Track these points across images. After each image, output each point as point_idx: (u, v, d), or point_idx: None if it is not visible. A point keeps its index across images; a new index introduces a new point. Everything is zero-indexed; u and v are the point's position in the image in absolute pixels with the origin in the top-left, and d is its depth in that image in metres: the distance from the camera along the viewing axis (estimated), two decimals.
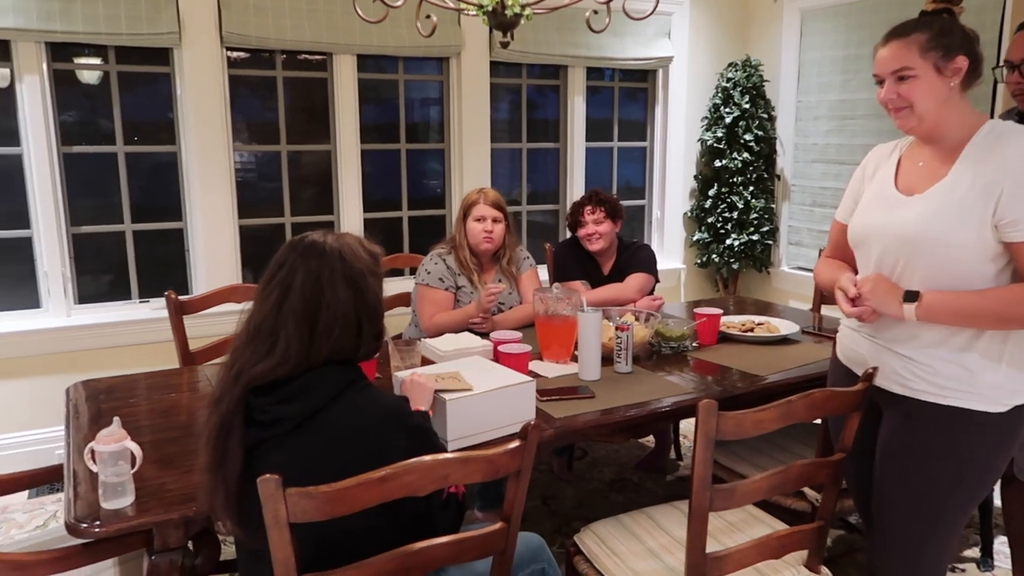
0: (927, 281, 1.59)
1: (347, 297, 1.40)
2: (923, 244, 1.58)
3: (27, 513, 2.97)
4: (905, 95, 1.59)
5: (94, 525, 1.40)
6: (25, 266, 3.36)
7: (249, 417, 1.36)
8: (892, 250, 1.64)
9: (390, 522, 1.36)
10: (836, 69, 4.34)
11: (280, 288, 1.39)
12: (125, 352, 3.44)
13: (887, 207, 1.68)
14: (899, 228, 1.62)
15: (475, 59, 4.06)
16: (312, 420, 1.34)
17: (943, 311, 1.56)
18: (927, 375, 1.62)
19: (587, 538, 1.90)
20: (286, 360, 1.35)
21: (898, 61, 1.58)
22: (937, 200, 1.58)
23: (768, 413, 1.53)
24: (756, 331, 2.69)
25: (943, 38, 1.56)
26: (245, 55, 3.67)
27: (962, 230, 1.53)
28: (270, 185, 3.84)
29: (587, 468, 3.35)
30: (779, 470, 1.60)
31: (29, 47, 3.18)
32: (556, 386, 2.14)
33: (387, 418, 1.38)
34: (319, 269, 1.39)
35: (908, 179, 1.69)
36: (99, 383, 2.26)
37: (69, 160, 3.38)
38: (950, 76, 1.57)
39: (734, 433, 1.53)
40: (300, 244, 1.43)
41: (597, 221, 3.08)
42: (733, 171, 4.58)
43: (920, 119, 1.60)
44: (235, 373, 1.37)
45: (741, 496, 1.57)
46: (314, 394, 1.35)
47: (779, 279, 4.83)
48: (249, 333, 1.39)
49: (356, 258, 1.44)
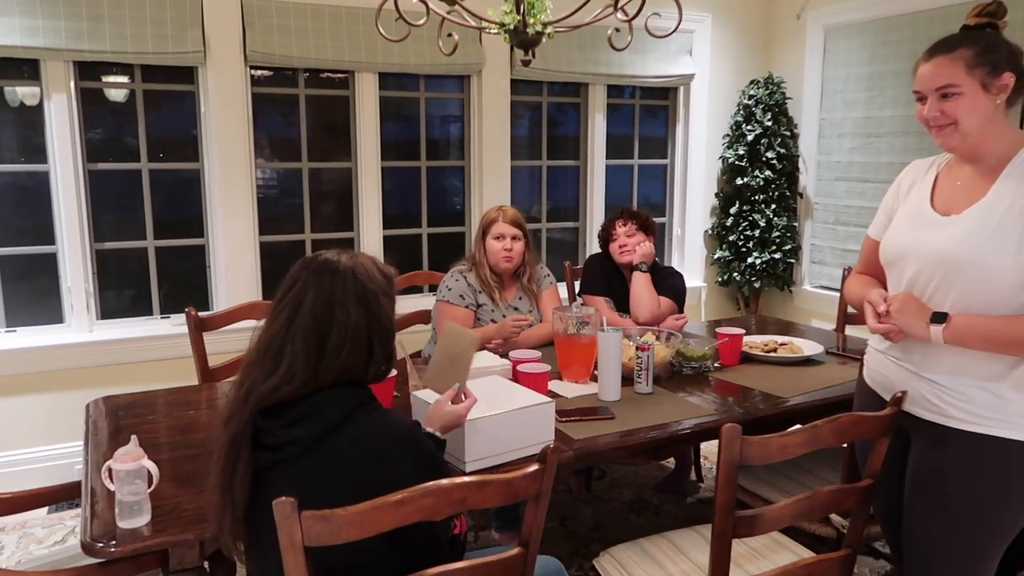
0: (959, 304, 1.55)
1: (358, 316, 1.38)
2: (958, 266, 1.53)
3: (46, 528, 2.98)
4: (950, 112, 1.53)
5: (110, 544, 1.40)
6: (50, 281, 3.40)
7: (258, 441, 1.34)
8: (925, 271, 1.60)
9: (397, 548, 1.33)
10: (861, 87, 4.30)
11: (291, 305, 1.38)
12: (146, 368, 3.46)
13: (922, 226, 1.63)
14: (934, 249, 1.57)
15: (496, 77, 4.07)
16: (322, 443, 1.32)
17: (971, 335, 1.52)
18: (958, 402, 1.57)
19: (606, 563, 1.87)
20: (291, 378, 1.34)
21: (943, 78, 1.53)
22: (975, 221, 1.53)
23: (794, 438, 1.50)
24: (779, 351, 2.65)
25: (990, 54, 1.51)
26: (268, 73, 3.70)
27: (998, 253, 1.48)
28: (291, 202, 3.86)
29: (606, 489, 3.31)
30: (805, 496, 1.56)
31: (58, 66, 3.23)
32: (575, 407, 2.11)
33: (397, 442, 1.35)
34: (331, 288, 1.38)
35: (945, 198, 1.64)
36: (119, 399, 2.26)
37: (94, 177, 3.43)
38: (996, 93, 1.52)
39: (759, 458, 1.49)
40: (313, 262, 1.42)
41: (629, 234, 3.06)
42: (755, 189, 4.54)
43: (964, 137, 1.55)
44: (244, 392, 1.36)
45: (766, 523, 1.53)
46: (324, 416, 1.33)
47: (801, 298, 4.77)
48: (259, 351, 1.38)
49: (369, 278, 1.42)
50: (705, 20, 4.60)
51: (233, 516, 1.33)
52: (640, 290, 2.96)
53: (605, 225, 3.16)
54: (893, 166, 4.14)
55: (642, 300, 2.95)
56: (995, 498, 1.56)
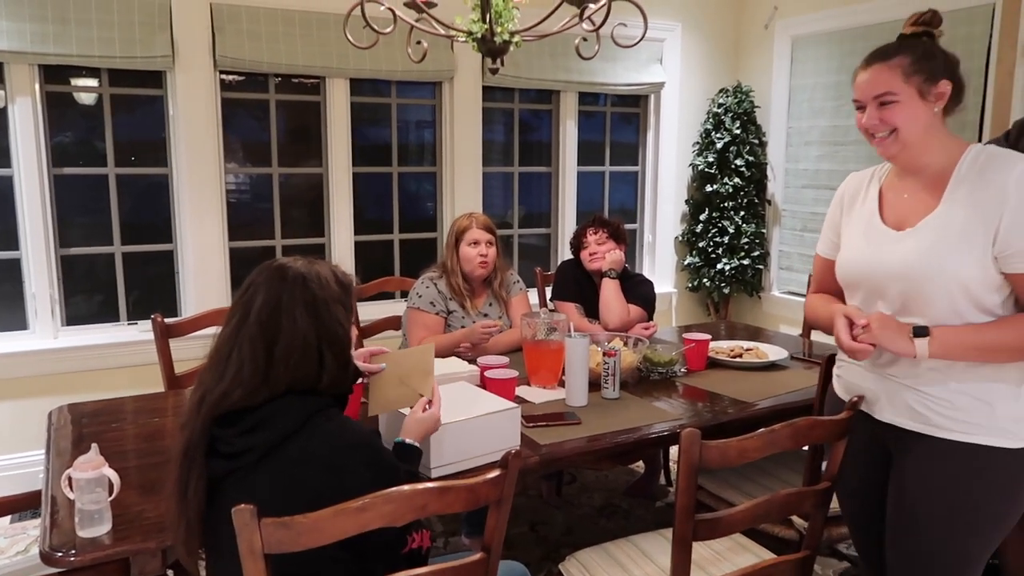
0: (930, 318, 1.52)
1: (306, 324, 1.36)
2: (924, 279, 1.51)
3: (8, 538, 2.94)
4: (888, 120, 1.53)
5: (69, 554, 1.38)
6: (13, 287, 3.35)
7: (213, 448, 1.33)
8: (891, 287, 1.57)
9: (352, 554, 1.32)
10: (827, 95, 4.38)
11: (241, 310, 1.37)
12: (113, 374, 3.42)
13: (877, 243, 1.61)
14: (894, 264, 1.55)
15: (468, 83, 4.09)
16: (276, 451, 1.31)
17: (958, 346, 1.49)
18: (944, 410, 1.54)
19: (572, 567, 1.88)
20: (239, 383, 1.32)
21: (881, 85, 1.53)
22: (932, 233, 1.52)
23: (752, 442, 1.52)
24: (745, 357, 2.68)
25: (926, 62, 1.51)
26: (239, 78, 3.68)
27: (964, 262, 1.47)
28: (262, 207, 3.84)
29: (576, 493, 3.33)
30: (763, 499, 1.59)
31: (22, 69, 3.19)
32: (543, 412, 2.13)
33: (352, 450, 1.34)
34: (279, 293, 1.37)
35: (895, 212, 1.62)
36: (84, 407, 2.24)
37: (60, 181, 3.38)
38: (934, 101, 1.52)
39: (719, 462, 1.51)
40: (268, 267, 1.41)
41: (599, 241, 3.08)
42: (724, 196, 4.60)
43: (904, 146, 1.54)
44: (199, 398, 1.35)
45: (726, 526, 1.55)
46: (278, 423, 1.32)
47: (770, 304, 4.84)
48: (212, 356, 1.38)
49: (321, 286, 1.40)
50: (675, 29, 4.66)
51: (188, 525, 1.32)
52: (609, 296, 2.99)
53: (577, 232, 3.18)
54: None
55: (611, 306, 2.98)
56: (985, 506, 1.53)
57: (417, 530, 1.40)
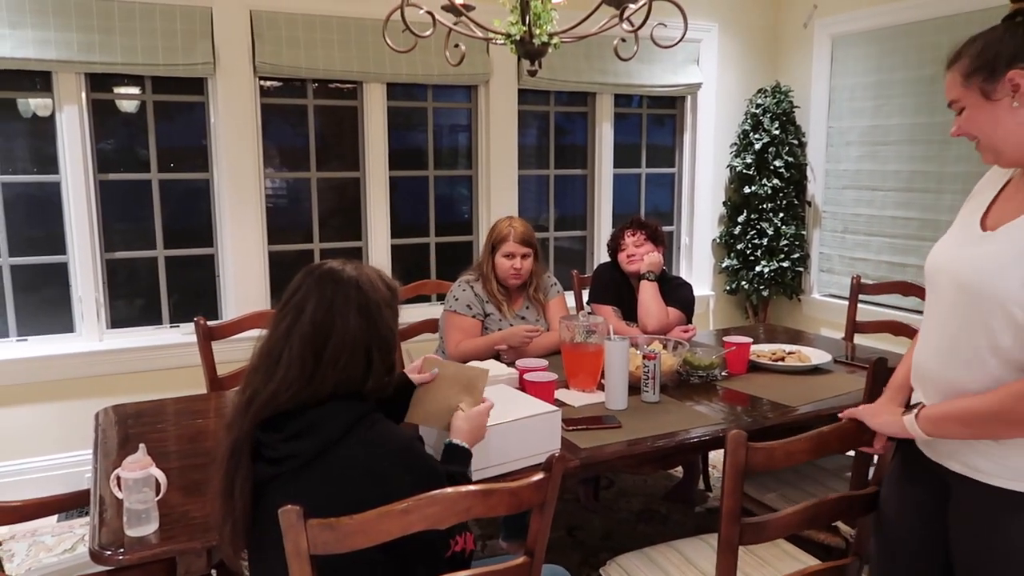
0: (990, 345, 1.31)
1: (358, 326, 1.37)
2: (973, 295, 1.32)
3: (56, 536, 3.00)
4: (964, 128, 1.38)
5: (118, 553, 1.40)
6: (60, 291, 3.43)
7: (258, 453, 1.35)
8: (948, 298, 1.39)
9: (394, 557, 1.32)
10: (868, 95, 4.30)
11: (293, 312, 1.38)
12: (156, 376, 3.48)
13: (960, 242, 1.43)
14: (957, 272, 1.37)
15: (503, 86, 4.09)
16: (321, 458, 1.32)
17: (940, 417, 1.36)
18: (1004, 459, 1.32)
19: (613, 571, 1.87)
20: (286, 386, 1.33)
21: (948, 93, 1.39)
22: (1002, 242, 1.32)
23: (799, 444, 1.50)
24: (787, 360, 2.64)
25: (985, 57, 1.32)
26: (277, 84, 3.73)
27: (1013, 284, 1.26)
28: (300, 211, 3.88)
29: (614, 498, 3.31)
30: (811, 503, 1.56)
31: (69, 78, 3.26)
32: (582, 415, 2.11)
33: (395, 457, 1.34)
34: (333, 295, 1.38)
35: (999, 212, 1.40)
36: (128, 408, 2.28)
37: (105, 187, 3.46)
38: (1004, 96, 1.30)
39: (764, 465, 1.48)
40: (317, 270, 1.43)
41: (637, 243, 3.06)
42: (763, 197, 4.54)
43: (995, 152, 1.36)
44: (247, 398, 1.36)
45: (772, 530, 1.52)
46: (323, 430, 1.32)
47: (810, 307, 4.76)
48: (260, 357, 1.39)
49: (373, 288, 1.42)
50: (712, 30, 4.61)
51: (234, 525, 1.33)
52: (648, 299, 2.96)
53: (614, 234, 3.16)
54: (901, 174, 4.13)
55: (650, 309, 2.95)
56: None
57: (460, 533, 1.40)
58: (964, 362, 1.35)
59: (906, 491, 1.53)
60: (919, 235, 4.06)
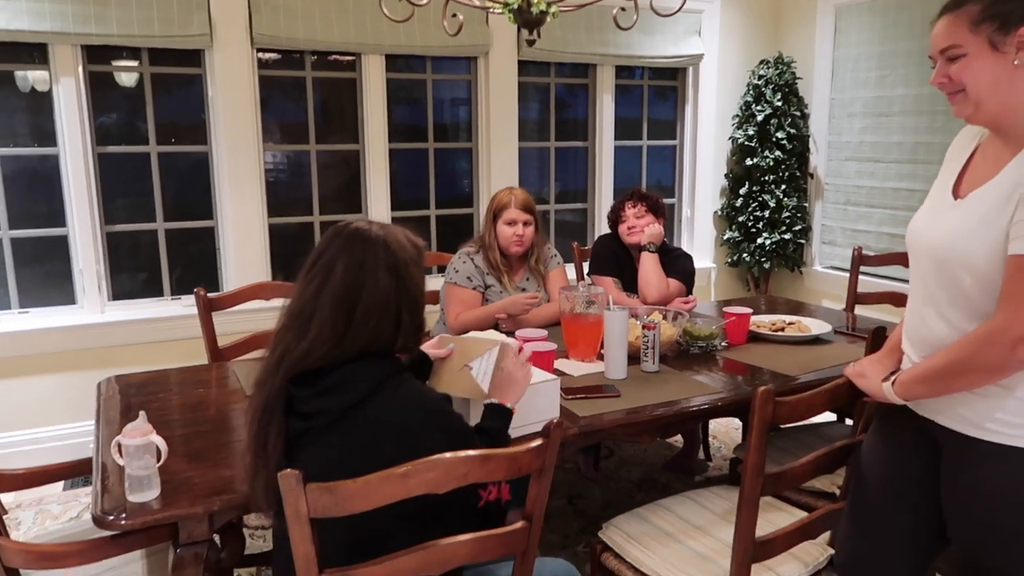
0: (966, 313, 1.35)
1: (388, 285, 1.39)
2: (946, 261, 1.35)
3: (62, 505, 3.03)
4: (955, 77, 1.33)
5: (120, 518, 1.42)
6: (62, 263, 3.43)
7: (290, 407, 1.37)
8: (927, 268, 1.41)
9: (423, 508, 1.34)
10: (872, 65, 4.26)
11: (322, 272, 1.39)
12: (158, 348, 3.50)
13: (933, 210, 1.45)
14: (931, 240, 1.40)
15: (503, 58, 4.05)
16: (350, 415, 1.34)
17: (910, 380, 1.42)
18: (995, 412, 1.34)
19: (612, 533, 1.90)
20: (317, 345, 1.35)
21: (945, 38, 1.33)
22: (970, 208, 1.34)
23: (819, 397, 1.59)
24: (787, 331, 2.64)
25: (1002, 5, 1.28)
26: (275, 56, 3.70)
27: (981, 247, 1.30)
28: (300, 184, 3.87)
29: (614, 468, 3.33)
30: (821, 451, 1.64)
31: (66, 50, 3.24)
32: (582, 385, 2.12)
33: (426, 417, 1.36)
34: (362, 256, 1.39)
35: (971, 177, 1.41)
36: (131, 378, 2.29)
37: (104, 160, 3.45)
38: (1012, 51, 1.28)
39: (788, 418, 1.57)
40: (345, 230, 1.43)
41: (638, 215, 3.05)
42: (765, 169, 4.52)
43: (976, 105, 1.33)
44: (278, 357, 1.38)
45: (790, 480, 1.62)
46: (351, 387, 1.34)
47: (812, 279, 4.76)
48: (291, 316, 1.40)
49: (400, 248, 1.43)
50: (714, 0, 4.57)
51: (267, 480, 1.34)
52: (648, 270, 2.96)
53: (615, 206, 3.14)
54: (904, 146, 4.10)
55: (650, 280, 2.95)
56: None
57: (496, 483, 1.41)
58: (944, 324, 1.39)
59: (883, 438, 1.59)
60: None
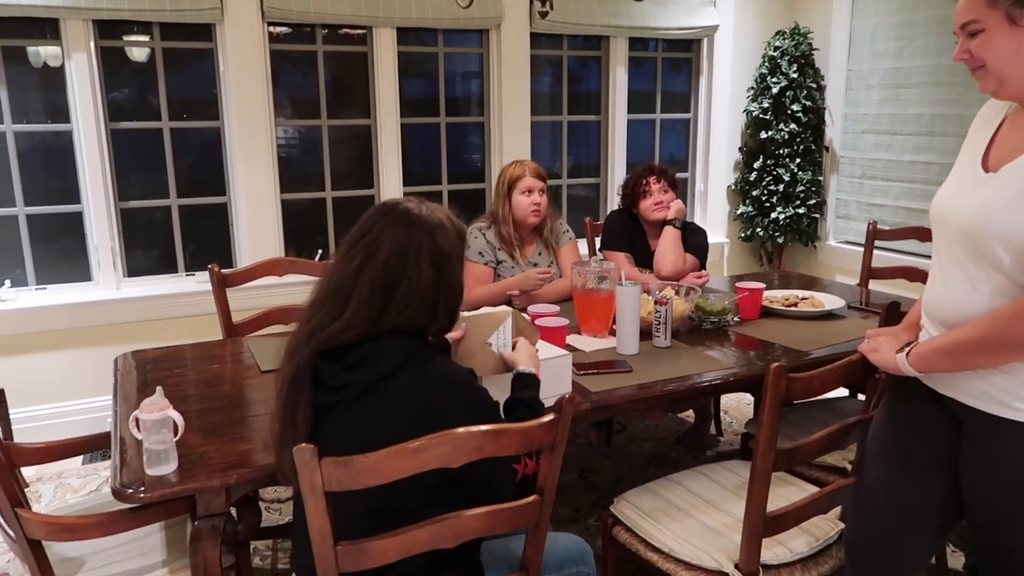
0: (994, 282, 1.32)
1: (429, 277, 1.38)
2: (977, 237, 1.32)
3: (81, 479, 3.08)
4: (976, 53, 1.32)
5: (138, 491, 1.44)
6: (77, 240, 3.46)
7: (318, 380, 1.37)
8: (956, 241, 1.38)
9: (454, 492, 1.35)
10: (890, 36, 4.18)
11: (364, 253, 1.37)
12: (172, 324, 3.53)
13: (962, 185, 1.41)
14: (963, 214, 1.36)
15: (515, 31, 4.02)
16: (378, 388, 1.34)
17: (928, 352, 1.40)
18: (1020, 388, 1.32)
19: (624, 507, 1.91)
20: (352, 326, 1.35)
21: (965, 13, 1.32)
22: (1005, 182, 1.30)
23: (832, 373, 1.58)
24: (800, 306, 2.63)
25: None
26: (286, 30, 3.68)
27: (1019, 220, 1.26)
28: (311, 160, 3.87)
29: (626, 443, 3.34)
30: (836, 427, 1.64)
31: (77, 25, 3.24)
32: (593, 360, 2.12)
33: (454, 390, 1.37)
34: (407, 240, 1.37)
35: (999, 151, 1.38)
36: (146, 353, 2.31)
37: (117, 137, 3.45)
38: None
39: (802, 394, 1.56)
40: (392, 212, 1.41)
41: (663, 190, 3.03)
42: (779, 143, 4.47)
43: (1000, 81, 1.32)
44: (310, 329, 1.37)
45: (802, 455, 1.62)
46: (381, 361, 1.35)
47: (826, 254, 4.72)
48: (328, 291, 1.39)
49: (446, 240, 1.41)
50: None
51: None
52: (668, 245, 2.95)
53: (632, 181, 3.10)
54: (922, 118, 4.04)
55: (668, 255, 2.94)
56: None
57: (530, 456, 1.41)
58: (973, 299, 1.35)
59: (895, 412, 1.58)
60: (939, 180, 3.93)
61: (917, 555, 1.58)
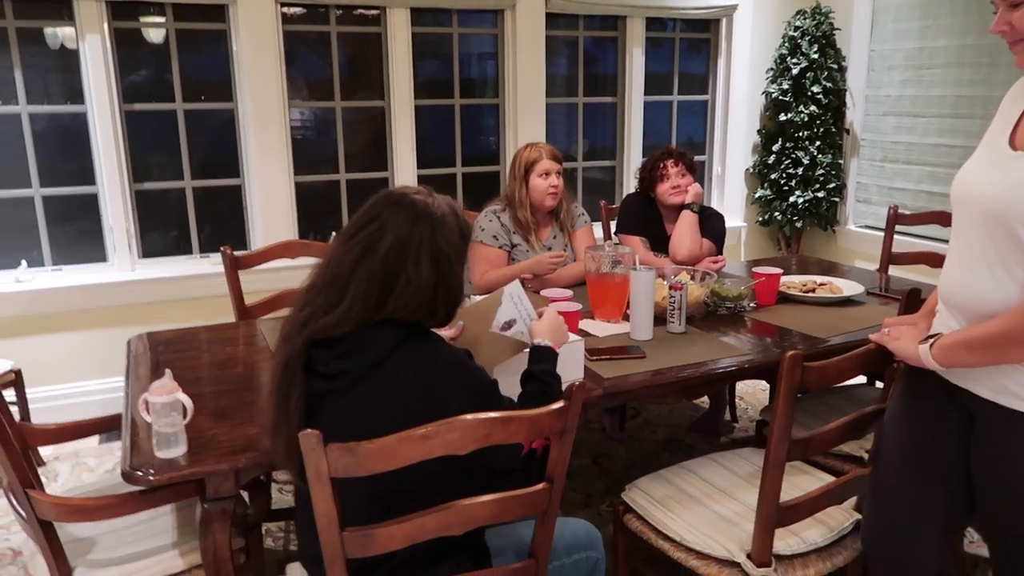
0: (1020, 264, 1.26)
1: (428, 277, 1.35)
2: (1005, 216, 1.25)
3: (97, 458, 3.11)
4: (1018, 25, 1.27)
5: (148, 474, 1.44)
6: (93, 221, 3.47)
7: (311, 368, 1.35)
8: (981, 219, 1.32)
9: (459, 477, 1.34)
10: (914, 15, 4.09)
11: (364, 244, 1.34)
12: (187, 305, 3.54)
13: (988, 162, 1.36)
14: (988, 192, 1.30)
15: (531, 11, 3.96)
16: (372, 374, 1.32)
17: (951, 345, 1.35)
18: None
19: (635, 495, 1.90)
20: (346, 321, 1.33)
21: None
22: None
23: (849, 362, 1.55)
24: (818, 292, 2.59)
25: None
26: (300, 10, 3.66)
27: None
28: (325, 142, 3.85)
29: (639, 428, 3.33)
30: (851, 417, 1.61)
31: (91, 6, 3.23)
32: (607, 345, 2.10)
33: (451, 371, 1.35)
34: (409, 233, 1.34)
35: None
36: (159, 335, 2.32)
37: (132, 119, 3.45)
38: None
39: (817, 384, 1.54)
40: (396, 201, 1.38)
41: (682, 173, 2.99)
42: (799, 125, 4.40)
43: None
44: (303, 318, 1.35)
45: (817, 445, 1.59)
46: (374, 348, 1.33)
47: (845, 238, 4.66)
48: (325, 279, 1.36)
49: (447, 241, 1.38)
50: None
51: (288, 439, 1.33)
52: (685, 230, 2.91)
53: (650, 165, 3.05)
54: (946, 99, 3.96)
55: (684, 239, 2.90)
56: None
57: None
58: (993, 284, 1.31)
59: (909, 406, 1.54)
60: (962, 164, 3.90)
61: (932, 552, 1.54)
